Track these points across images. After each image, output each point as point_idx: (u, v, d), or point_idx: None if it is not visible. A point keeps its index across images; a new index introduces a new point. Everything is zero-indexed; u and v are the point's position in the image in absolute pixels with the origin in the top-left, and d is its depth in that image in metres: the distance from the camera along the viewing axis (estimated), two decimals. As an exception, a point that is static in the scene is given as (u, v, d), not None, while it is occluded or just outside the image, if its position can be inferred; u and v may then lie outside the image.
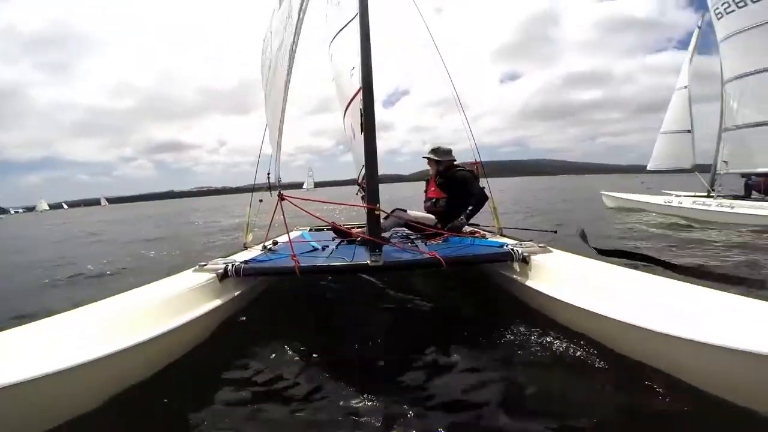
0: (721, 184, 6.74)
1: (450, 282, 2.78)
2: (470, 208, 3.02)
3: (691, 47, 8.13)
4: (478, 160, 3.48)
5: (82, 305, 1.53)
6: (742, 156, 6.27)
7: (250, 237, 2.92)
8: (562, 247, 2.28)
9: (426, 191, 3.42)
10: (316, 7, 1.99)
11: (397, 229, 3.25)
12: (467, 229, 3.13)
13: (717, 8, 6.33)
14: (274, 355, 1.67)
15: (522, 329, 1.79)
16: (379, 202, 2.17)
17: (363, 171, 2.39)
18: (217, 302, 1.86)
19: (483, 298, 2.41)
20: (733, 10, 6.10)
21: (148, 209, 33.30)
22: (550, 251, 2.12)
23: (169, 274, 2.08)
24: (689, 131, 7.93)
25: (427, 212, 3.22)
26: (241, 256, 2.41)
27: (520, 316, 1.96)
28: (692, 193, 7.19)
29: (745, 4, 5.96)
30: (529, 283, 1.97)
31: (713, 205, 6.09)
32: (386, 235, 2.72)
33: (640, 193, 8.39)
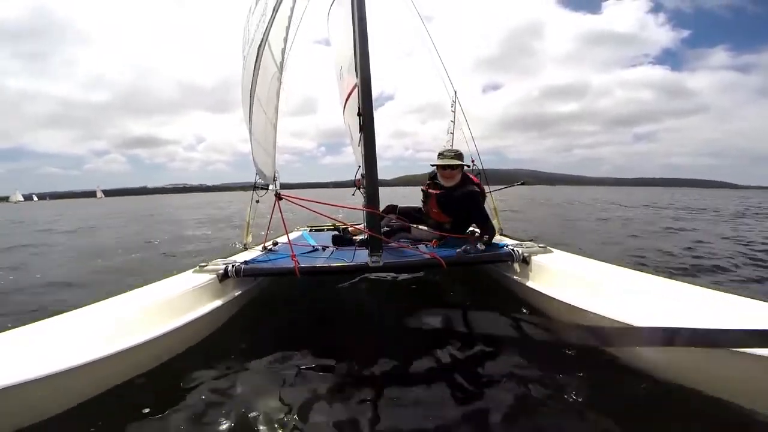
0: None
1: (450, 282, 2.78)
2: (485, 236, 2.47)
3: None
4: (480, 168, 3.40)
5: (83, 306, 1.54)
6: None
7: (249, 237, 2.93)
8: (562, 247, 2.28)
9: (425, 205, 2.84)
10: (299, 7, 1.87)
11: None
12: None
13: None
14: (274, 355, 1.67)
15: (523, 329, 1.79)
16: (378, 203, 2.17)
17: (360, 169, 2.37)
18: (218, 303, 1.86)
19: (483, 299, 2.41)
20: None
21: (145, 204, 31.24)
22: (551, 251, 2.12)
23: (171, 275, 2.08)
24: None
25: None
26: (241, 257, 2.41)
27: (521, 316, 1.96)
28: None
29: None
30: (529, 283, 1.97)
31: None
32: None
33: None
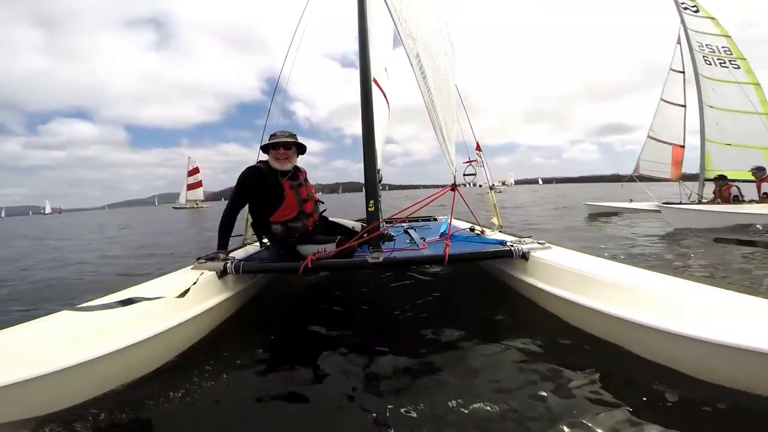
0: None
1: (450, 278, 2.78)
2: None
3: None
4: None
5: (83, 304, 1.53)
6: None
7: (248, 233, 2.92)
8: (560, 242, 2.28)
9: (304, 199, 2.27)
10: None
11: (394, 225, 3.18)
12: (465, 225, 3.10)
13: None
14: (272, 350, 1.68)
15: (522, 324, 1.79)
16: (378, 199, 2.16)
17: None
18: (217, 299, 1.85)
19: (483, 294, 2.42)
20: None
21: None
22: (550, 248, 2.13)
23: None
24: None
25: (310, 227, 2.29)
26: (240, 253, 2.41)
27: (520, 311, 1.97)
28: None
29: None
30: (528, 279, 1.98)
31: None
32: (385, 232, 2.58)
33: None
